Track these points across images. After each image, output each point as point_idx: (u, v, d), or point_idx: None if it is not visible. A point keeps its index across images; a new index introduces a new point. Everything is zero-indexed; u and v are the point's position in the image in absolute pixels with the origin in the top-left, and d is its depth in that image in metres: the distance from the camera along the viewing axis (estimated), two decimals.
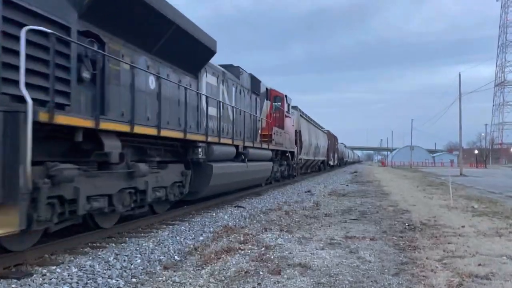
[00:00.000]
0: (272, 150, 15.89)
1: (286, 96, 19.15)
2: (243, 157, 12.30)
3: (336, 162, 49.44)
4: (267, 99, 16.77)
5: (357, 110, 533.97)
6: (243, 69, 14.08)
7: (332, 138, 43.40)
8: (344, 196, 14.76)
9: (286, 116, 19.20)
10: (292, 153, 20.36)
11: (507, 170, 54.59)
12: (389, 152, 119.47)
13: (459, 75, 38.11)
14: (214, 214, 9.79)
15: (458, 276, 4.76)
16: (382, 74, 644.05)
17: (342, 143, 64.79)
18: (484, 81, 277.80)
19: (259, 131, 15.31)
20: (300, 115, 26.23)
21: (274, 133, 16.56)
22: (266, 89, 16.90)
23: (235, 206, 11.21)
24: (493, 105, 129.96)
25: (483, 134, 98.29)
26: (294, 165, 21.42)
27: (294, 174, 22.22)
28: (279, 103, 18.24)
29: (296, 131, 22.70)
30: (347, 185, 20.81)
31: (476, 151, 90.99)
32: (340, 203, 12.30)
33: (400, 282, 4.62)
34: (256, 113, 14.96)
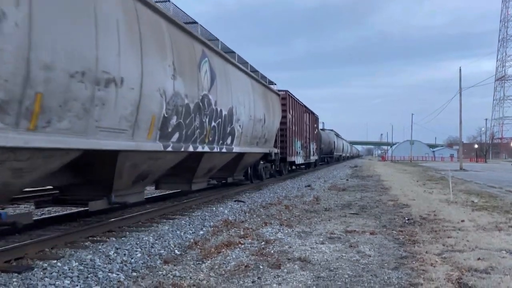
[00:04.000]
0: None
1: None
2: None
3: (313, 158, 28.33)
4: None
5: (358, 105, 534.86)
6: None
7: (300, 112, 22.10)
8: (344, 190, 14.77)
9: None
10: None
11: (507, 165, 54.59)
12: (389, 147, 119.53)
13: (460, 69, 38.03)
14: (214, 208, 9.81)
15: (458, 270, 4.78)
16: (383, 69, 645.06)
17: (332, 130, 48.05)
18: (484, 76, 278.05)
19: None
20: None
21: None
22: None
23: (235, 201, 11.23)
24: (494, 100, 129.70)
25: (483, 128, 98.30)
26: None
27: None
28: None
29: None
30: (347, 180, 20.82)
31: (476, 146, 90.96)
32: (340, 198, 12.32)
33: (400, 276, 4.64)
34: None
